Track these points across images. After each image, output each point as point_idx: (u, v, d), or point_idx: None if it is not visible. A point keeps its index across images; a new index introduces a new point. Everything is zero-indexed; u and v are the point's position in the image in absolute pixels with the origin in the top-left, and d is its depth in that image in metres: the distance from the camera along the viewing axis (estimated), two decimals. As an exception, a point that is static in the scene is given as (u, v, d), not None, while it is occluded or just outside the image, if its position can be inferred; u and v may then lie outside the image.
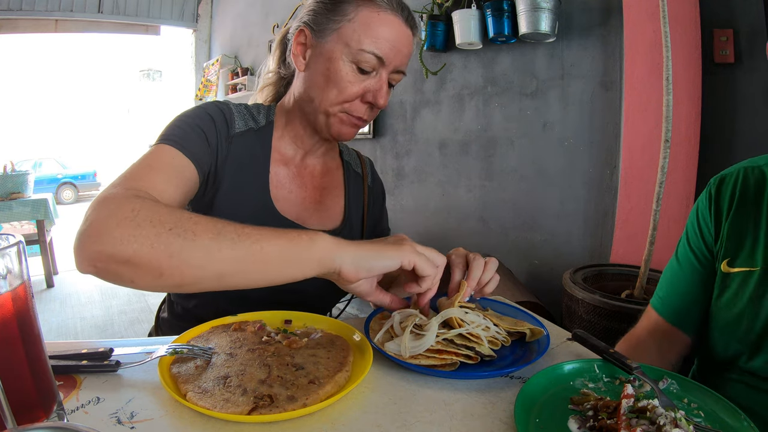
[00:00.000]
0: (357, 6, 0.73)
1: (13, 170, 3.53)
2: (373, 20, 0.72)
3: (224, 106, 0.80)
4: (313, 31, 0.77)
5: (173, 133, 0.70)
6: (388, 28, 0.73)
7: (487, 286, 0.67)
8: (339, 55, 0.74)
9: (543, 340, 0.63)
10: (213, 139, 0.75)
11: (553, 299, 1.91)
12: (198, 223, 0.52)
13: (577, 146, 2.03)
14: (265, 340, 0.60)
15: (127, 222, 0.50)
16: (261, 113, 0.85)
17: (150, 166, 0.64)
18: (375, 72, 0.75)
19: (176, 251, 0.49)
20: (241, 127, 0.80)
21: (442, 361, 0.56)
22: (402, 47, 0.75)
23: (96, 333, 2.95)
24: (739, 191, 0.69)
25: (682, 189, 1.66)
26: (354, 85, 0.75)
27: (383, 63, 0.74)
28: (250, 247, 0.51)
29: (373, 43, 0.72)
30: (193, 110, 0.77)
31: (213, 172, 0.75)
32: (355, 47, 0.72)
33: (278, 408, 0.46)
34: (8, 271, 0.38)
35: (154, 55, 16.67)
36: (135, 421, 0.46)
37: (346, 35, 0.73)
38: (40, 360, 0.42)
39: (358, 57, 0.73)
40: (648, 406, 0.45)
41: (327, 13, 0.75)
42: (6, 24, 4.60)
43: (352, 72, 0.74)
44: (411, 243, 0.60)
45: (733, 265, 0.67)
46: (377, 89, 0.76)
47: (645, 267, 1.52)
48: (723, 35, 1.58)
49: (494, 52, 2.29)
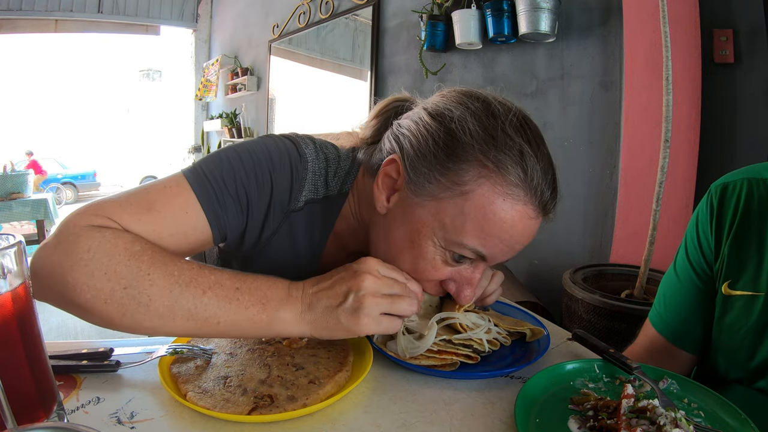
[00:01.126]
0: (479, 176, 0.51)
1: (13, 170, 3.53)
2: (492, 208, 0.51)
3: (299, 165, 0.62)
4: (408, 174, 0.55)
5: (209, 174, 0.56)
6: (508, 225, 0.51)
7: (489, 298, 0.65)
8: (430, 234, 0.54)
9: (543, 340, 0.63)
10: (260, 210, 0.60)
11: (553, 299, 1.91)
12: (154, 284, 0.47)
13: (577, 146, 2.03)
14: (265, 340, 0.60)
15: (80, 267, 0.46)
16: (338, 176, 0.66)
17: (151, 205, 0.53)
18: (470, 262, 0.56)
19: (129, 312, 0.47)
20: (305, 198, 0.63)
21: (442, 361, 0.56)
22: (518, 245, 0.54)
23: (96, 333, 2.95)
24: (743, 206, 0.62)
25: (682, 189, 1.66)
26: (439, 271, 0.56)
27: (485, 259, 0.55)
28: (205, 321, 0.49)
29: (478, 238, 0.52)
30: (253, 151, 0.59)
31: (254, 239, 0.63)
32: (455, 237, 0.52)
33: (278, 408, 0.46)
34: (8, 271, 0.38)
35: (153, 55, 16.67)
36: (135, 421, 0.46)
37: (448, 213, 0.52)
38: (40, 360, 0.42)
39: (454, 248, 0.54)
40: (648, 406, 0.45)
41: (435, 163, 0.53)
42: (6, 24, 4.60)
43: (441, 258, 0.55)
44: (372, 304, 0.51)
45: (735, 288, 0.62)
46: (465, 283, 0.57)
47: (645, 267, 1.52)
48: (723, 35, 1.58)
49: (494, 52, 2.29)
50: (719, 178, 0.69)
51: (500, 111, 0.55)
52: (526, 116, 0.56)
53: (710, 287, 0.67)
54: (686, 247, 0.71)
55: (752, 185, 0.63)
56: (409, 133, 0.57)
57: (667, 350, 0.71)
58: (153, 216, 0.53)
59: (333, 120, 3.51)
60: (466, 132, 0.53)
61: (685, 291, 0.69)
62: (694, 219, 0.70)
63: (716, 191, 0.67)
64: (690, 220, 0.71)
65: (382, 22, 2.96)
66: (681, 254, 0.71)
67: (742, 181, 0.64)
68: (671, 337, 0.71)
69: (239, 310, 0.50)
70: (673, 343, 0.71)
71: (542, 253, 2.21)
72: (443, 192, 0.53)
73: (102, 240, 0.48)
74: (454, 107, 0.56)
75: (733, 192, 0.65)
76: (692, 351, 0.70)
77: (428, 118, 0.56)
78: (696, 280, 0.68)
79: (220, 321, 0.49)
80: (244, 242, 0.63)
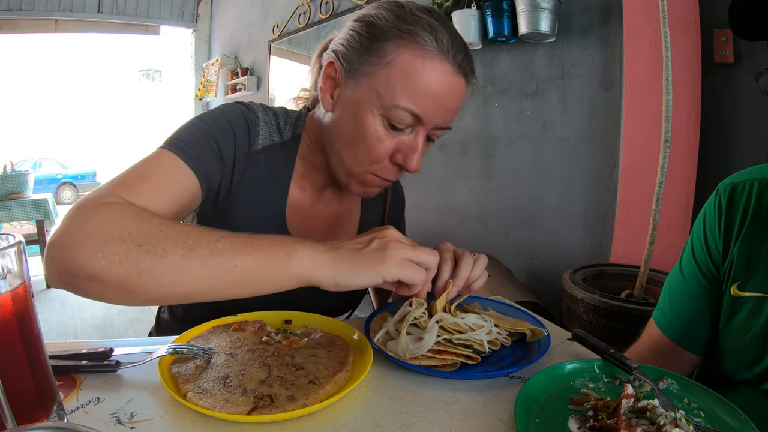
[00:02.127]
0: (398, 47, 0.60)
1: (13, 170, 3.53)
2: (414, 68, 0.59)
3: (251, 115, 0.71)
4: (344, 67, 0.65)
5: (182, 138, 0.63)
6: (432, 80, 0.60)
7: (475, 284, 0.64)
8: (369, 107, 0.62)
9: (543, 341, 0.63)
10: (229, 155, 0.67)
11: (553, 299, 1.91)
12: (168, 238, 0.49)
13: (577, 146, 2.03)
14: (265, 340, 0.60)
15: (94, 236, 0.47)
16: (288, 124, 0.75)
17: (143, 175, 0.58)
18: (410, 129, 0.64)
19: (145, 269, 0.47)
20: (263, 141, 0.72)
21: (443, 361, 0.56)
22: (448, 103, 0.62)
23: (96, 333, 2.95)
24: (753, 208, 0.62)
25: (681, 189, 1.66)
26: (383, 143, 0.64)
27: (421, 121, 0.62)
28: (222, 266, 0.49)
29: (410, 98, 0.60)
30: (212, 115, 0.68)
31: (227, 186, 0.69)
32: (389, 101, 0.61)
33: (278, 408, 0.46)
34: (8, 271, 0.38)
35: (154, 55, 16.64)
36: (135, 421, 0.46)
37: (380, 83, 0.61)
38: (40, 360, 0.42)
39: (391, 113, 0.61)
40: (648, 406, 0.45)
41: (361, 50, 0.63)
42: (6, 24, 4.60)
43: (382, 128, 0.63)
44: (397, 247, 0.55)
45: (744, 290, 0.61)
46: (410, 149, 0.64)
47: (645, 267, 1.52)
48: (723, 35, 1.58)
49: (494, 52, 2.29)
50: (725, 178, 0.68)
51: (408, 2, 0.66)
52: (432, 7, 0.67)
53: (716, 288, 0.66)
54: (692, 246, 0.70)
55: (763, 186, 0.63)
56: (340, 39, 0.67)
57: (671, 351, 0.71)
58: (148, 183, 0.58)
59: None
60: (381, 19, 0.63)
61: (691, 291, 0.69)
62: (701, 218, 0.69)
63: (725, 191, 0.66)
64: (696, 220, 0.70)
65: (382, 22, 2.96)
66: (687, 254, 0.71)
67: (752, 182, 0.64)
68: (676, 338, 0.70)
69: (255, 251, 0.50)
70: (678, 343, 0.70)
71: (542, 253, 2.21)
72: (372, 68, 0.62)
73: (112, 211, 0.50)
74: (371, 8, 0.66)
75: (742, 193, 0.64)
76: (697, 352, 0.69)
77: (352, 23, 0.67)
78: (702, 280, 0.68)
79: (237, 264, 0.49)
80: (221, 190, 0.69)
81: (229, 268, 0.49)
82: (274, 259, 0.51)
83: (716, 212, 0.66)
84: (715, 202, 0.67)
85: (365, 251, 0.54)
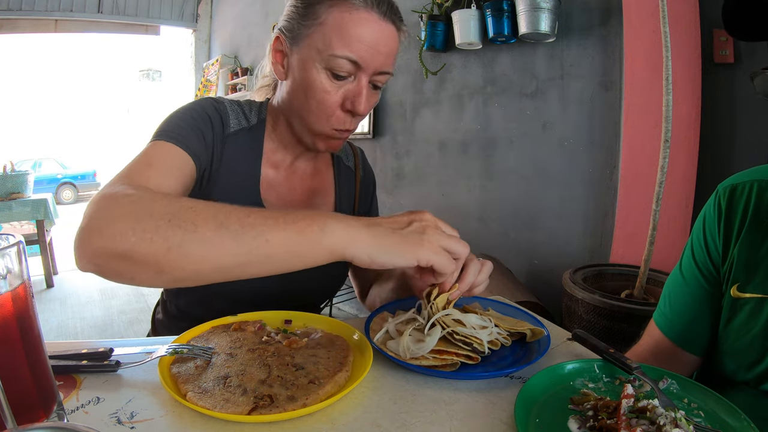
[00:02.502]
0: (328, 7, 0.68)
1: (13, 170, 3.53)
2: (344, 21, 0.67)
3: (220, 105, 0.78)
4: (287, 37, 0.73)
5: (171, 129, 0.69)
6: (362, 28, 0.67)
7: (476, 288, 0.65)
8: (312, 63, 0.69)
9: (543, 341, 0.63)
10: (209, 138, 0.74)
11: (553, 299, 1.91)
12: (199, 213, 0.49)
13: (577, 146, 2.03)
14: (265, 340, 0.60)
15: (125, 217, 0.49)
16: (253, 111, 0.83)
17: (148, 163, 0.63)
18: (353, 77, 0.70)
19: (175, 244, 0.47)
20: (234, 126, 0.79)
21: (443, 361, 0.56)
22: (380, 47, 0.69)
23: (96, 333, 2.95)
24: (753, 209, 0.62)
25: (681, 189, 1.66)
26: (332, 94, 0.70)
27: (360, 67, 0.69)
28: (254, 240, 0.48)
29: (345, 46, 0.67)
30: (190, 107, 0.75)
31: (208, 171, 0.75)
32: (327, 53, 0.68)
33: (278, 408, 0.46)
34: (8, 271, 0.38)
35: (154, 55, 16.64)
36: (135, 421, 0.46)
37: (317, 41, 0.69)
38: (40, 360, 0.42)
39: (331, 63, 0.68)
40: (648, 406, 0.45)
41: (299, 18, 0.71)
42: (6, 24, 4.60)
43: (327, 80, 0.70)
44: (435, 233, 0.55)
45: (745, 291, 0.61)
46: (355, 95, 0.71)
47: (645, 267, 1.52)
48: (723, 35, 1.58)
49: (494, 52, 2.29)
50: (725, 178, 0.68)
51: None
52: None
53: (716, 289, 0.66)
54: (692, 247, 0.70)
55: (762, 188, 0.63)
56: (282, 17, 0.76)
57: (672, 352, 0.71)
58: (155, 168, 0.63)
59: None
60: None
61: (691, 292, 0.69)
62: (700, 219, 0.69)
63: (724, 192, 0.66)
64: (696, 221, 0.70)
65: (382, 22, 2.97)
66: (687, 255, 0.71)
67: (752, 183, 0.64)
68: (676, 339, 0.70)
69: (287, 225, 0.50)
70: (678, 344, 0.70)
71: (542, 253, 2.21)
72: (309, 30, 0.70)
73: (141, 193, 0.52)
74: None
75: (742, 194, 0.64)
76: (698, 353, 0.69)
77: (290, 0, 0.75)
78: (702, 282, 0.68)
79: (269, 239, 0.49)
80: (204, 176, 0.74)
81: (261, 242, 0.49)
82: (307, 233, 0.50)
83: (716, 213, 0.66)
84: (714, 203, 0.67)
85: (405, 232, 0.55)
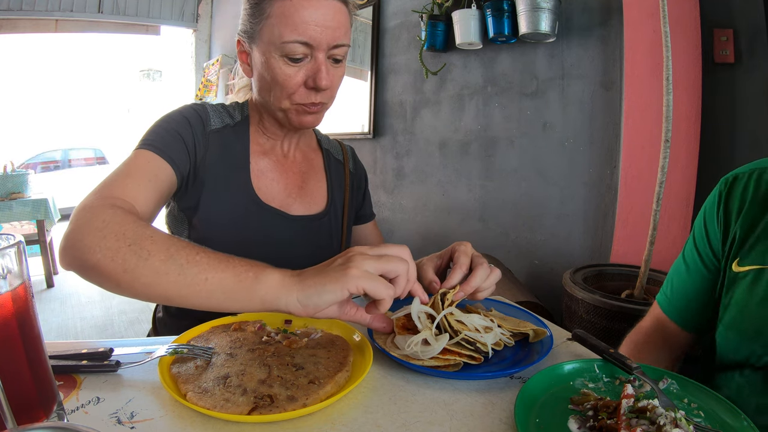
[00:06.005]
0: (271, 2, 0.73)
1: (14, 170, 3.53)
2: (287, 9, 0.72)
3: (199, 107, 0.83)
4: (246, 38, 0.79)
5: (150, 137, 0.75)
6: (304, 11, 0.72)
7: (481, 293, 0.65)
8: (269, 54, 0.75)
9: (545, 341, 0.63)
10: (190, 140, 0.78)
11: (553, 299, 1.91)
12: (155, 242, 0.54)
13: (577, 146, 2.03)
14: (265, 340, 0.60)
15: (96, 232, 0.55)
16: (236, 110, 0.89)
17: (127, 173, 0.69)
18: (309, 57, 0.75)
19: (130, 268, 0.52)
20: (217, 124, 0.83)
21: (446, 361, 0.56)
22: (327, 22, 0.73)
23: (96, 333, 2.95)
24: (753, 190, 0.67)
25: (682, 189, 1.66)
26: (293, 77, 0.75)
27: (311, 46, 0.73)
28: (195, 276, 0.52)
29: (293, 31, 0.72)
30: (169, 114, 0.80)
31: (193, 171, 0.79)
32: (279, 42, 0.73)
33: (278, 408, 0.46)
34: (8, 271, 0.38)
35: (154, 55, 16.62)
36: (135, 421, 0.46)
37: (268, 34, 0.74)
38: (40, 360, 0.42)
39: (285, 50, 0.73)
40: (648, 406, 0.45)
41: (250, 18, 0.77)
42: (6, 24, 4.60)
43: (285, 65, 0.75)
44: (360, 259, 0.53)
45: (744, 264, 0.65)
46: (315, 72, 0.75)
47: (645, 267, 1.52)
48: (723, 35, 1.58)
49: (494, 52, 2.29)
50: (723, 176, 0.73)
51: None
52: None
53: (716, 273, 0.72)
54: (694, 237, 0.76)
55: (762, 173, 0.68)
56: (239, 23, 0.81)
57: (671, 330, 0.79)
58: (132, 177, 0.69)
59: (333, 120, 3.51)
60: None
61: (692, 277, 0.76)
62: (702, 211, 0.76)
63: (726, 182, 0.72)
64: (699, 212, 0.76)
65: (382, 22, 2.96)
66: (689, 244, 0.78)
67: (751, 171, 0.70)
68: (676, 318, 0.78)
69: (227, 268, 0.53)
70: (676, 322, 0.78)
71: (542, 253, 2.21)
72: (260, 26, 0.75)
73: (115, 213, 0.58)
74: None
75: (742, 179, 0.70)
76: (691, 330, 0.78)
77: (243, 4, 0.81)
78: (702, 268, 0.74)
79: (208, 278, 0.52)
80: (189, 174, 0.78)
81: (201, 279, 0.52)
82: (243, 279, 0.52)
83: (716, 201, 0.72)
84: (716, 193, 0.73)
85: (329, 268, 0.53)
